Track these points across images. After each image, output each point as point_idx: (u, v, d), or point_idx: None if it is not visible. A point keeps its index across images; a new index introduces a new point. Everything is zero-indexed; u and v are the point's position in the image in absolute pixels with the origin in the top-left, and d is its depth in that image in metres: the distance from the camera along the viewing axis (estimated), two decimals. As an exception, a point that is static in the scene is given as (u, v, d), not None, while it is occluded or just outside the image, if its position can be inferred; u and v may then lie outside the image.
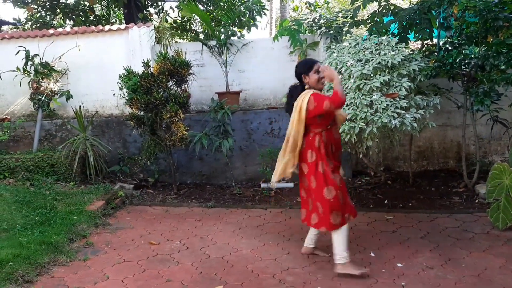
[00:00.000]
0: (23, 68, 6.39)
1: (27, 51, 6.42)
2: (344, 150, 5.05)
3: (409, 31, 5.46)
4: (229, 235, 4.32)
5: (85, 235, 4.24)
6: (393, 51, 4.56)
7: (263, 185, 5.99)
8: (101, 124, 6.55)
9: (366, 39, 4.95)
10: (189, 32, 11.58)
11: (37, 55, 6.53)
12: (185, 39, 10.42)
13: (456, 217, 4.63)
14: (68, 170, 5.78)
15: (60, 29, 7.08)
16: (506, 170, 4.13)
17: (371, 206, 5.15)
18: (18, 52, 6.42)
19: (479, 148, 5.67)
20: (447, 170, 6.26)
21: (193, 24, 11.75)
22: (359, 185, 5.85)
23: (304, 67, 3.43)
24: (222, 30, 6.74)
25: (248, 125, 6.37)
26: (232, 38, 6.83)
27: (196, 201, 5.59)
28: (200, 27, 11.16)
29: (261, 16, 10.69)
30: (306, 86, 3.43)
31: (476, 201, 5.06)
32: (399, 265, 3.52)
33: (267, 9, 11.28)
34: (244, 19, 10.42)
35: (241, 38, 7.66)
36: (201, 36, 10.34)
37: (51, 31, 6.93)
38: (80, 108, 6.07)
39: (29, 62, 6.43)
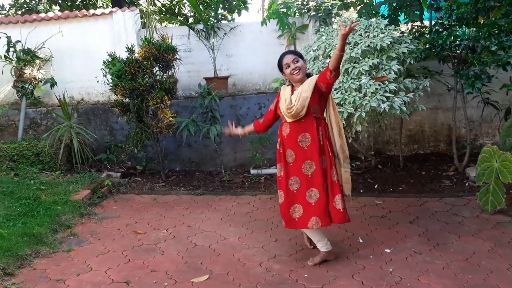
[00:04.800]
0: (4, 55, 6.22)
1: (8, 38, 6.24)
2: (334, 134, 4.99)
3: (400, 13, 5.35)
4: (216, 223, 4.26)
5: (69, 226, 4.16)
6: (382, 33, 4.47)
7: (252, 171, 5.92)
8: (87, 112, 6.42)
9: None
10: (178, 16, 11.36)
11: (19, 41, 6.36)
12: (174, 23, 10.23)
13: (446, 201, 4.60)
14: (53, 159, 5.67)
15: (42, 15, 6.88)
16: (495, 153, 4.08)
17: (361, 191, 5.11)
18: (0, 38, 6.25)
19: (470, 131, 5.63)
20: (438, 154, 6.22)
21: (182, 8, 11.52)
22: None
23: (279, 68, 3.31)
24: (212, 13, 6.58)
25: (237, 110, 6.27)
26: (222, 21, 6.66)
27: (184, 188, 5.51)
28: (190, 11, 10.94)
29: (251, -1, 10.52)
30: (288, 82, 3.36)
31: (467, 184, 5.03)
32: (387, 250, 3.48)
33: (257, -8, 11.07)
34: (234, 3, 10.24)
35: (231, 21, 7.49)
36: (191, 20, 10.14)
37: (33, 16, 6.74)
38: (64, 95, 5.94)
39: (11, 49, 6.26)
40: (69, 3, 11.07)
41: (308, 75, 3.32)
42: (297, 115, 3.16)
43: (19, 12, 10.96)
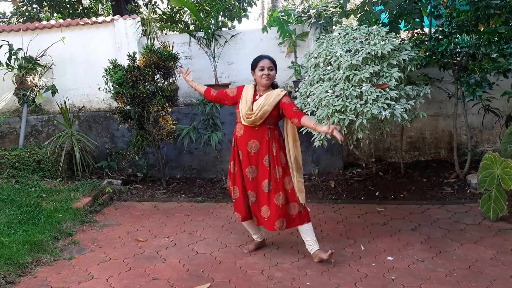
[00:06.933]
0: (6, 63, 6.23)
1: (10, 45, 6.26)
2: (335, 141, 4.99)
3: (400, 20, 5.37)
4: (218, 230, 4.25)
5: (70, 233, 4.15)
6: (383, 41, 4.47)
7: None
8: (88, 119, 6.43)
9: (356, 29, 4.86)
10: (179, 24, 11.41)
11: (21, 49, 6.38)
12: (175, 31, 10.28)
13: (447, 208, 4.59)
14: (54, 166, 5.66)
15: (44, 22, 6.91)
16: (497, 160, 4.08)
17: (363, 198, 5.10)
18: (1, 46, 6.26)
19: (471, 138, 5.63)
20: (439, 161, 6.21)
21: (183, 16, 11.57)
22: (350, 177, 5.79)
23: (251, 67, 3.50)
24: (213, 21, 6.61)
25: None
26: (223, 29, 6.68)
27: (185, 195, 5.50)
28: (191, 19, 10.98)
29: (251, 6, 10.58)
30: (254, 82, 3.54)
31: (468, 191, 5.02)
32: (390, 258, 3.48)
33: (257, -1, 11.15)
34: (235, 10, 10.28)
35: (232, 29, 7.49)
36: (192, 28, 10.17)
37: (35, 24, 6.76)
38: (65, 103, 5.94)
39: (13, 57, 6.27)
40: (71, 11, 11.11)
41: (274, 86, 3.57)
42: (253, 122, 3.42)
43: (21, 20, 11.01)
